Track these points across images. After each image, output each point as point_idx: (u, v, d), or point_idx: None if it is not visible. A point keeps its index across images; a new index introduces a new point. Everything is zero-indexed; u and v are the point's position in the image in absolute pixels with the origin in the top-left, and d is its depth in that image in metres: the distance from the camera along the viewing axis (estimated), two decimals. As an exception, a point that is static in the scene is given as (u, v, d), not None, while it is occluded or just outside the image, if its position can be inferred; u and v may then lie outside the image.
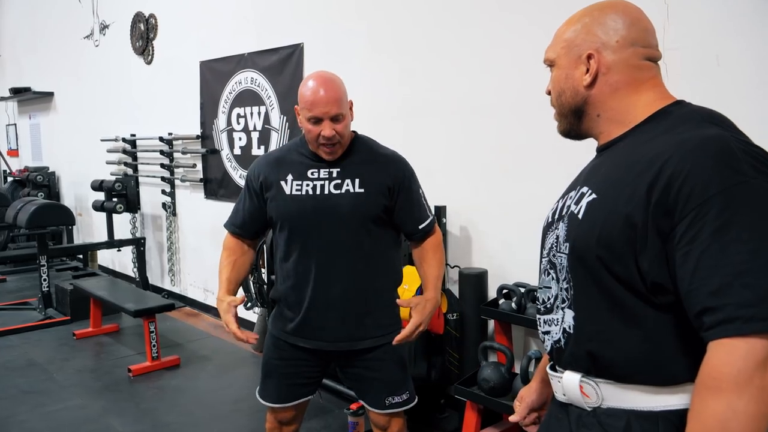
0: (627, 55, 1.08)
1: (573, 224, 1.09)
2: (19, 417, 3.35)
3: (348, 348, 2.04)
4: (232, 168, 4.79)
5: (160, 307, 4.13)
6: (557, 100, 1.17)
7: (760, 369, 0.86)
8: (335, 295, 1.98)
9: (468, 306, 2.99)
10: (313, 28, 4.00)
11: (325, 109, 1.87)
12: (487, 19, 3.03)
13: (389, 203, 1.99)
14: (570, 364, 1.10)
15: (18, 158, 8.73)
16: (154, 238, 5.95)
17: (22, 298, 5.82)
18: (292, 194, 1.98)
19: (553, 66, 1.17)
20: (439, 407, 3.14)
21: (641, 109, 1.09)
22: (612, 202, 1.02)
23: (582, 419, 1.08)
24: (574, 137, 1.20)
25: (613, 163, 1.07)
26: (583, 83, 1.11)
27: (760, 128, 2.14)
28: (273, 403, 2.14)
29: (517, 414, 1.36)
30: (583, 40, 1.11)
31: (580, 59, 1.11)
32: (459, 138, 3.20)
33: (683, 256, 0.93)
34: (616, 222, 1.00)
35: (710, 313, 0.89)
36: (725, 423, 0.86)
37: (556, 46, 1.16)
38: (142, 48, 5.68)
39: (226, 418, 3.34)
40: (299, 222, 1.98)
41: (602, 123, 1.13)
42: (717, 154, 0.93)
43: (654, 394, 1.01)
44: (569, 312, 1.09)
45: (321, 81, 1.90)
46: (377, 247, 2.01)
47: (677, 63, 2.35)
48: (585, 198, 1.08)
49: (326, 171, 1.98)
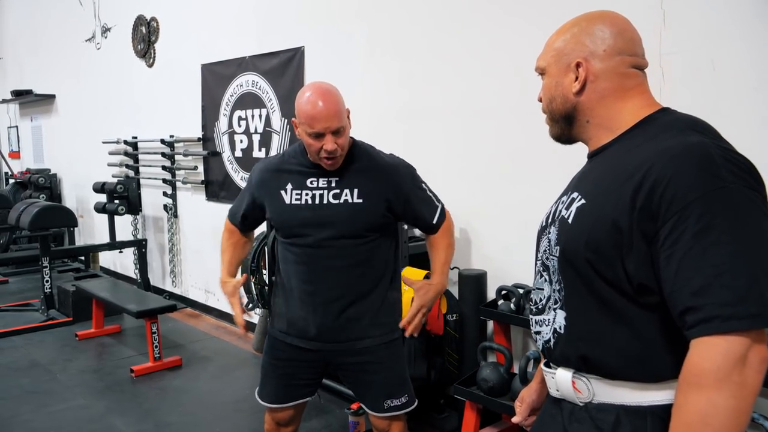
0: (614, 63, 1.12)
1: (563, 228, 1.13)
2: (23, 417, 3.37)
3: (346, 348, 2.06)
4: (234, 170, 4.82)
5: (161, 308, 4.15)
6: (548, 106, 1.21)
7: (739, 365, 0.90)
8: (334, 299, 2.01)
9: (467, 307, 3.01)
10: (314, 31, 4.03)
11: (327, 124, 1.86)
12: (487, 21, 3.06)
13: (391, 212, 2.02)
14: (561, 362, 1.14)
15: (20, 160, 8.75)
16: (155, 240, 5.98)
17: (25, 299, 5.85)
18: (291, 203, 2.01)
19: (544, 74, 1.21)
20: (439, 407, 3.17)
21: (628, 116, 1.13)
22: (600, 207, 1.06)
23: (574, 414, 1.12)
24: (566, 142, 1.24)
25: (602, 170, 1.11)
26: (573, 90, 1.15)
27: (756, 131, 2.19)
28: (271, 403, 2.17)
29: (518, 415, 1.39)
30: (572, 49, 1.14)
31: (570, 67, 1.15)
32: (459, 140, 3.23)
33: (666, 259, 0.97)
34: (604, 226, 1.04)
35: (692, 312, 0.93)
36: (705, 417, 0.90)
37: (547, 54, 1.19)
38: (143, 51, 5.70)
39: (228, 418, 3.36)
40: (299, 230, 2.01)
41: (591, 129, 1.17)
42: (698, 161, 0.97)
43: (642, 390, 1.05)
44: (561, 312, 1.13)
45: (319, 94, 1.88)
46: (376, 252, 2.04)
47: (673, 68, 2.38)
48: (575, 203, 1.12)
49: (325, 180, 2.00)
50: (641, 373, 1.04)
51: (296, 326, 2.07)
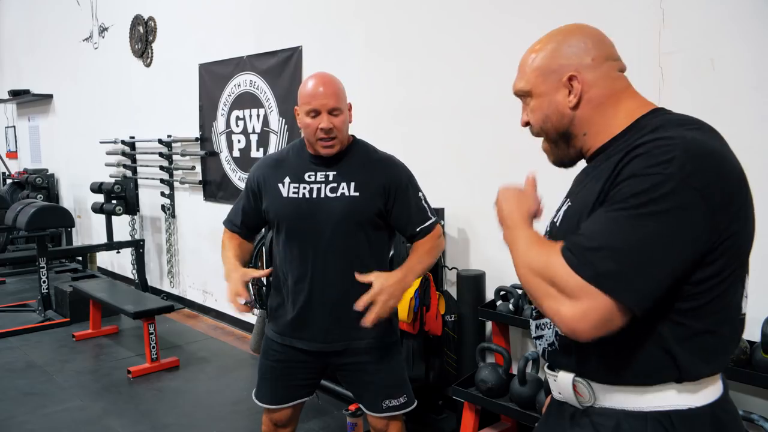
0: (604, 70, 1.12)
1: (552, 232, 1.14)
2: (19, 418, 3.36)
3: (343, 347, 2.05)
4: (231, 170, 4.81)
5: (159, 308, 4.14)
6: (542, 126, 1.18)
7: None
8: (330, 296, 2.00)
9: (466, 307, 3.00)
10: (312, 30, 4.02)
11: (323, 101, 1.92)
12: (485, 21, 3.05)
13: (384, 207, 2.00)
14: (563, 365, 1.13)
15: (17, 160, 8.74)
16: (153, 240, 5.96)
17: (22, 300, 5.83)
18: (288, 196, 2.01)
19: (527, 96, 1.18)
20: (437, 408, 3.16)
21: (622, 120, 1.11)
22: (581, 205, 1.07)
23: (576, 418, 1.11)
24: (568, 164, 1.22)
25: (590, 174, 1.12)
26: (569, 105, 1.13)
27: (755, 130, 2.18)
28: (267, 404, 2.16)
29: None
30: (559, 65, 1.12)
31: (561, 83, 1.13)
32: (457, 140, 3.22)
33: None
34: (582, 221, 1.04)
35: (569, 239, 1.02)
36: None
37: (527, 75, 1.17)
38: (141, 50, 5.69)
39: (225, 419, 3.35)
40: (295, 224, 2.01)
41: (589, 139, 1.15)
42: (661, 151, 0.96)
43: (642, 394, 1.03)
44: None
45: (320, 77, 1.97)
46: (372, 249, 2.03)
47: (673, 67, 2.38)
48: (563, 207, 1.14)
49: (323, 174, 2.01)
50: (640, 377, 1.03)
51: (292, 326, 2.06)
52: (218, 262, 2.22)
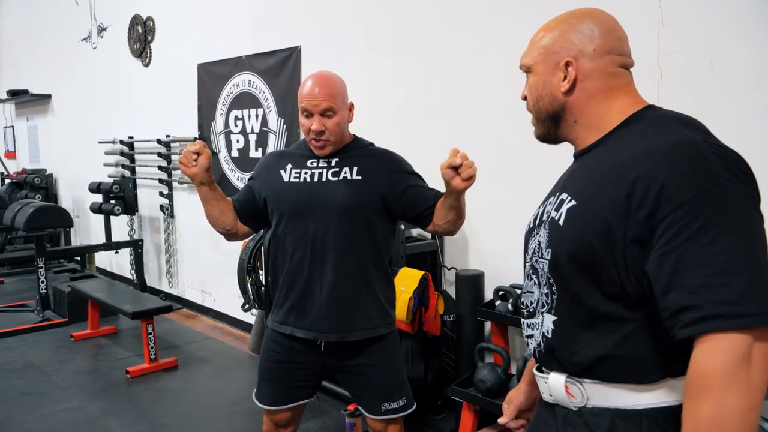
0: (603, 63, 1.11)
1: (554, 231, 1.10)
2: (18, 419, 3.35)
3: (338, 339, 2.03)
4: (230, 170, 4.80)
5: (157, 308, 4.13)
6: (535, 105, 1.19)
7: (745, 363, 0.88)
8: (328, 282, 1.99)
9: (464, 307, 3.00)
10: (311, 30, 4.01)
11: (315, 102, 1.93)
12: (483, 20, 3.04)
13: (391, 193, 2.00)
14: (553, 366, 1.12)
15: (15, 160, 8.73)
16: (151, 240, 5.96)
17: (20, 300, 5.82)
18: (290, 181, 2.03)
19: (529, 72, 1.19)
20: (436, 408, 3.16)
21: (615, 116, 1.11)
22: (591, 209, 1.04)
23: (568, 419, 1.10)
24: (551, 142, 1.22)
25: (591, 170, 1.09)
26: (561, 90, 1.13)
27: (755, 130, 2.18)
28: (267, 405, 2.15)
29: (505, 416, 1.38)
30: (560, 48, 1.12)
31: (558, 66, 1.13)
32: (455, 139, 3.18)
33: (660, 257, 0.94)
34: (595, 228, 1.02)
35: (690, 311, 0.91)
36: (717, 419, 0.88)
37: (533, 52, 1.17)
38: (139, 50, 5.68)
39: (224, 419, 3.34)
40: (296, 207, 2.01)
41: (578, 129, 1.15)
42: (690, 158, 0.95)
43: (636, 392, 1.03)
44: (549, 317, 1.12)
45: (318, 77, 1.98)
46: (372, 237, 2.03)
47: (672, 67, 2.37)
48: (565, 204, 1.10)
49: (325, 161, 2.03)
50: (633, 375, 1.02)
51: (292, 312, 2.05)
52: (217, 263, 2.22)
